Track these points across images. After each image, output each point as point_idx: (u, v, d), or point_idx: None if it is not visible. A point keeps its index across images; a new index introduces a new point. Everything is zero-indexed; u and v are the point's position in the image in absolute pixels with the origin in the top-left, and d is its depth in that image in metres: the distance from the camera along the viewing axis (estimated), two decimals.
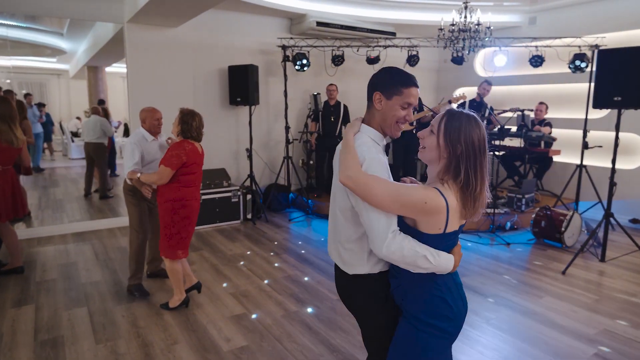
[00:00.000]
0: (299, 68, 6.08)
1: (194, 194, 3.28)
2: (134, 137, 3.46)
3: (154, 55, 5.42)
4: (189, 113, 3.19)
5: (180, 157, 3.09)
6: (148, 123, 3.50)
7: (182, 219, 3.21)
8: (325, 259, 4.51)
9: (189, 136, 3.18)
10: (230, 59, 6.04)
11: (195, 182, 3.27)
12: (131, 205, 3.56)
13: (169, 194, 3.18)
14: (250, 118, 5.98)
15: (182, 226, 3.24)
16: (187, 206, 3.22)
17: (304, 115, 6.90)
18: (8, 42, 8.61)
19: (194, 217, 3.32)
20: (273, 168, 6.69)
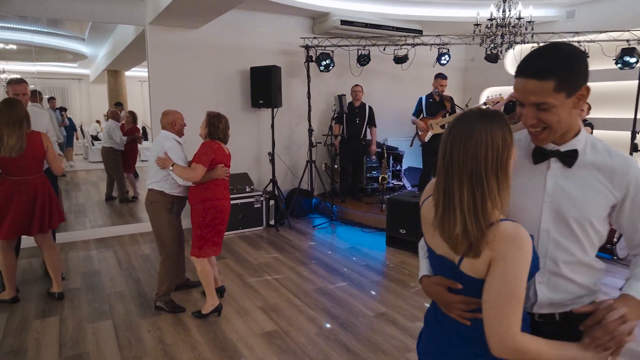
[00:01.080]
0: (323, 69, 5.90)
1: (223, 193, 3.30)
2: (169, 140, 3.31)
3: (175, 57, 5.30)
4: (216, 116, 3.29)
5: (209, 154, 3.15)
6: (178, 125, 3.41)
7: (212, 219, 3.23)
8: (356, 270, 4.31)
9: (215, 137, 3.27)
10: (252, 60, 5.89)
11: (223, 181, 3.31)
12: (167, 220, 3.34)
13: (199, 195, 3.22)
14: (272, 121, 5.82)
15: (213, 226, 3.25)
16: (217, 206, 3.23)
17: (327, 117, 6.71)
18: (33, 48, 8.66)
19: (225, 216, 3.33)
20: (295, 172, 6.51)
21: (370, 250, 4.93)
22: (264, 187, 6.03)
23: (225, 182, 3.34)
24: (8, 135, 3.13)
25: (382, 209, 5.80)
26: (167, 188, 3.30)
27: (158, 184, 3.30)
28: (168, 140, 3.31)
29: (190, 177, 3.12)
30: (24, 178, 3.29)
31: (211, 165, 3.18)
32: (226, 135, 3.32)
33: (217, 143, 3.25)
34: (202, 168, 3.12)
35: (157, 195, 3.31)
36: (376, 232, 5.54)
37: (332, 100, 6.66)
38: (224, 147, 3.31)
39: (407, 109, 7.37)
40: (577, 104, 1.17)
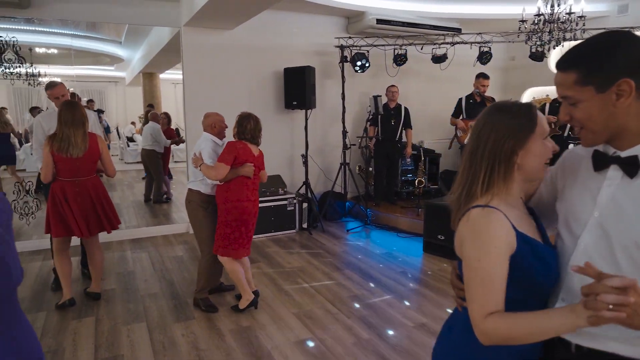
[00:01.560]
0: (358, 69, 5.77)
1: (246, 194, 3.24)
2: (206, 141, 3.33)
3: (209, 58, 5.29)
4: (245, 116, 3.27)
5: (231, 152, 3.14)
6: (218, 127, 3.41)
7: (234, 220, 3.21)
8: (392, 277, 4.15)
9: (242, 138, 3.25)
10: (286, 61, 5.81)
11: (246, 182, 3.24)
12: (203, 218, 3.38)
13: (222, 195, 3.23)
14: (306, 122, 5.73)
15: (235, 227, 3.22)
16: (237, 207, 3.20)
17: (360, 119, 6.57)
18: (72, 51, 8.92)
19: (248, 218, 3.28)
20: (329, 175, 6.39)
21: (407, 257, 4.75)
22: (297, 190, 5.94)
23: (250, 184, 3.28)
24: (75, 135, 3.20)
25: (418, 213, 5.61)
26: (203, 188, 3.34)
27: (195, 183, 3.36)
28: (205, 141, 3.35)
29: (213, 175, 3.12)
30: (77, 179, 3.31)
31: (236, 163, 3.16)
32: (255, 136, 3.27)
33: (242, 143, 3.22)
34: (223, 166, 3.10)
35: (194, 195, 3.38)
36: (412, 238, 5.35)
37: (366, 101, 6.51)
38: (252, 147, 3.27)
39: (444, 110, 7.13)
40: (620, 101, 0.97)
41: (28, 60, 7.81)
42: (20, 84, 7.41)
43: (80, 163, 3.28)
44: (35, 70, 7.71)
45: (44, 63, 9.05)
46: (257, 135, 3.28)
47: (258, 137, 3.30)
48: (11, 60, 4.92)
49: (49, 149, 3.18)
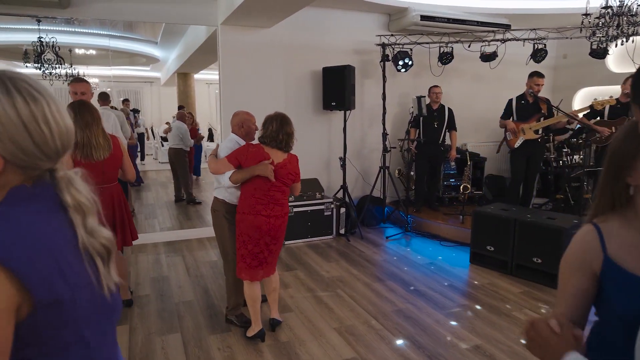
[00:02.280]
0: (400, 68, 5.49)
1: (253, 206, 2.79)
2: (229, 141, 3.06)
3: (246, 58, 5.13)
4: (270, 117, 2.89)
5: (238, 154, 2.82)
6: (246, 127, 3.08)
7: (240, 234, 2.86)
8: (438, 290, 3.86)
9: (262, 141, 2.87)
10: (324, 60, 5.59)
11: (251, 192, 2.80)
12: (228, 231, 3.07)
13: (239, 203, 2.91)
14: (344, 124, 5.49)
15: (240, 242, 2.86)
16: (244, 220, 2.82)
17: (400, 120, 6.28)
18: (109, 52, 9.02)
19: (257, 235, 2.80)
20: (367, 178, 6.14)
21: (452, 267, 4.44)
22: (334, 194, 5.71)
23: (262, 196, 2.80)
24: (96, 136, 2.87)
25: (462, 220, 5.28)
26: (228, 197, 3.02)
27: (219, 191, 3.06)
28: (229, 141, 3.06)
29: (211, 167, 2.89)
30: (102, 187, 2.91)
31: (244, 165, 2.81)
32: (276, 141, 2.79)
33: (258, 147, 2.81)
34: (225, 163, 2.80)
35: (219, 204, 3.08)
36: (457, 247, 5.03)
37: (407, 102, 6.23)
38: (275, 153, 2.81)
39: (489, 111, 6.76)
40: None
41: (68, 61, 7.92)
42: (60, 84, 7.51)
43: (106, 167, 2.94)
44: (75, 71, 7.81)
45: (83, 64, 9.20)
46: (281, 139, 2.79)
47: (283, 142, 2.80)
48: (50, 60, 4.89)
49: (71, 158, 2.76)
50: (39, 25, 5.93)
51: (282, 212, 2.89)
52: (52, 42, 4.99)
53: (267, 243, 2.85)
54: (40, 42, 4.80)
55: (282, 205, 2.88)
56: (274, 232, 2.84)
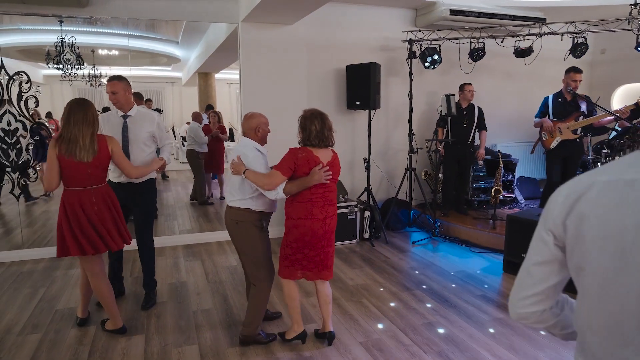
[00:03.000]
0: (428, 65, 5.23)
1: (311, 211, 2.70)
2: (250, 149, 2.77)
3: (267, 56, 4.97)
4: (308, 116, 2.74)
5: (289, 161, 2.65)
6: (262, 132, 2.83)
7: (294, 240, 2.74)
8: (471, 301, 3.60)
9: (307, 144, 2.72)
10: (348, 58, 5.38)
11: (308, 196, 2.71)
12: (259, 240, 2.81)
13: (286, 210, 2.79)
14: (369, 124, 5.28)
15: (296, 248, 2.73)
16: (299, 226, 2.71)
17: (427, 120, 6.02)
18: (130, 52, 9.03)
19: (313, 240, 2.73)
20: (392, 180, 5.90)
21: (484, 276, 4.17)
22: (358, 196, 5.50)
23: (319, 198, 2.70)
24: (84, 136, 2.72)
25: (493, 226, 4.99)
26: (254, 205, 2.78)
27: (243, 201, 2.77)
28: (250, 149, 2.76)
29: (265, 182, 2.61)
30: (92, 187, 2.82)
31: (297, 175, 2.65)
32: (323, 139, 2.71)
33: (307, 150, 2.67)
34: (279, 175, 2.61)
35: (243, 214, 2.77)
36: (488, 254, 4.76)
37: (434, 101, 5.97)
38: (321, 152, 2.71)
39: (521, 110, 6.46)
40: None
41: (90, 61, 7.92)
42: (83, 84, 7.51)
43: (91, 168, 2.79)
44: (97, 72, 7.79)
45: (105, 64, 9.22)
46: (324, 136, 2.71)
47: (329, 138, 2.74)
48: (70, 60, 4.82)
49: (55, 151, 2.70)
50: (61, 26, 5.91)
51: (334, 212, 2.83)
52: (71, 42, 4.92)
53: (323, 245, 2.76)
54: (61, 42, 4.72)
55: (334, 204, 2.83)
56: (329, 233, 2.78)
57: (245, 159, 2.72)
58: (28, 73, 4.93)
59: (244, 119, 2.91)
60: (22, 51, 6.48)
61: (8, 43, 5.88)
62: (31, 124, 4.32)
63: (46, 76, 7.63)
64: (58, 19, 5.96)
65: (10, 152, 4.26)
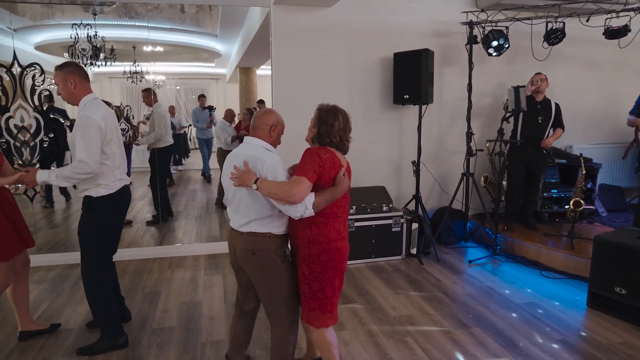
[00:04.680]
0: (493, 51, 4.42)
1: (339, 230, 2.13)
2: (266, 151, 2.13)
3: (302, 43, 4.35)
4: (330, 110, 2.16)
5: (314, 164, 2.01)
6: (278, 132, 2.21)
7: (324, 270, 2.10)
8: (548, 350, 2.80)
9: (327, 142, 2.12)
10: (395, 45, 4.66)
11: (334, 211, 2.12)
12: (283, 274, 2.16)
13: (305, 231, 2.11)
14: (419, 121, 4.54)
15: (327, 281, 2.10)
16: (331, 250, 2.09)
17: (489, 116, 5.17)
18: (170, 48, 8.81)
19: (343, 266, 2.16)
20: (445, 186, 5.11)
21: (562, 311, 3.34)
22: (405, 205, 4.77)
23: (343, 211, 2.16)
24: None
25: (571, 245, 4.10)
26: (276, 227, 2.13)
27: (260, 223, 2.10)
28: (264, 151, 2.11)
29: (290, 194, 1.92)
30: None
31: (320, 183, 2.03)
32: (345, 141, 2.15)
33: (327, 150, 2.08)
34: (305, 183, 1.95)
35: (261, 241, 2.11)
36: (564, 280, 3.91)
37: (498, 94, 5.11)
38: (341, 156, 2.16)
39: (605, 107, 5.49)
40: None
41: (130, 57, 7.67)
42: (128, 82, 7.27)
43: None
44: (138, 68, 7.54)
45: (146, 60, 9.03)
46: (346, 138, 2.15)
47: (347, 142, 2.17)
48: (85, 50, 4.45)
49: None
50: (95, 20, 5.64)
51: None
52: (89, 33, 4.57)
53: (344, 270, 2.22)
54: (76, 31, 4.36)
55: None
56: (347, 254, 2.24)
57: (260, 166, 2.04)
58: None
59: (258, 113, 2.27)
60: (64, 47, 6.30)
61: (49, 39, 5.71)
62: (45, 119, 3.98)
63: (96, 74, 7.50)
64: (92, 12, 5.71)
65: (24, 151, 3.94)
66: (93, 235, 2.60)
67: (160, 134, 5.18)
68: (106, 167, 2.55)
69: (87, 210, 2.59)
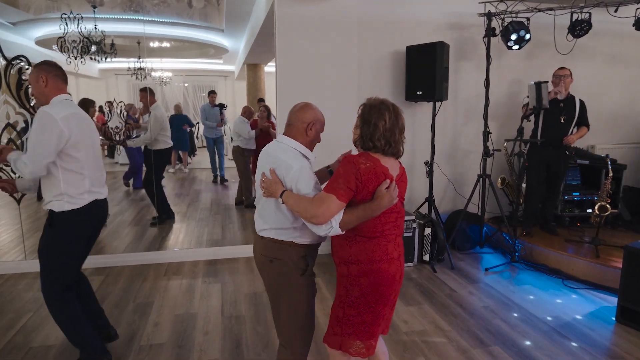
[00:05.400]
0: (513, 44, 4.13)
1: (385, 249, 1.79)
2: (296, 157, 1.83)
3: (308, 36, 4.09)
4: (375, 106, 1.79)
5: (349, 178, 1.69)
6: (316, 132, 1.91)
7: (362, 295, 1.80)
8: None
9: (369, 146, 1.78)
10: (408, 38, 4.39)
11: (379, 228, 1.78)
12: (300, 290, 1.90)
13: (344, 249, 1.83)
14: (433, 119, 4.26)
15: (365, 306, 1.80)
16: (370, 273, 1.78)
17: (507, 114, 4.88)
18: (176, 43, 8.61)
19: (389, 291, 1.81)
20: (459, 189, 4.84)
21: (589, 326, 3.06)
22: (417, 209, 4.50)
23: (390, 228, 1.81)
24: None
25: (596, 253, 3.80)
26: (299, 236, 1.87)
27: (282, 231, 1.87)
28: (293, 156, 1.83)
29: (313, 214, 1.66)
30: None
31: (358, 197, 1.72)
32: (393, 143, 1.77)
33: (370, 157, 1.75)
34: (334, 201, 1.66)
35: (281, 248, 1.87)
36: (589, 291, 3.62)
37: (515, 91, 4.81)
38: (389, 162, 1.79)
39: (633, 104, 5.13)
40: None
41: (135, 53, 7.46)
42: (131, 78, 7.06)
43: None
44: (143, 64, 7.32)
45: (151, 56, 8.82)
46: (398, 139, 1.79)
47: (400, 144, 1.81)
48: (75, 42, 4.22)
49: None
50: (94, 13, 5.44)
51: (403, 248, 1.95)
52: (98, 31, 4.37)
53: (396, 296, 1.92)
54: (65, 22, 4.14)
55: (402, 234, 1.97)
56: (401, 278, 1.89)
57: (286, 173, 1.79)
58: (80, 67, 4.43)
59: (294, 108, 1.96)
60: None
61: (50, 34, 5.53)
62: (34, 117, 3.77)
63: (102, 70, 7.33)
64: (91, 5, 5.50)
65: None
66: (53, 254, 2.28)
67: (148, 137, 4.93)
68: (71, 174, 2.21)
69: (47, 226, 2.29)
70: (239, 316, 3.14)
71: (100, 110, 5.52)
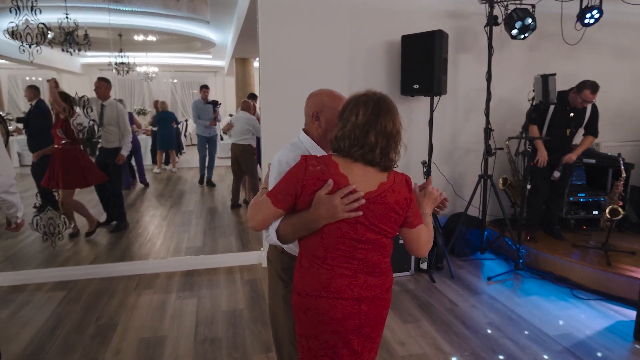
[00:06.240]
0: (517, 33, 3.79)
1: (326, 282, 1.37)
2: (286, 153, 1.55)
3: (295, 24, 3.71)
4: (354, 99, 1.43)
5: (290, 180, 1.37)
6: (325, 120, 1.59)
7: (302, 334, 1.46)
8: None
9: (335, 146, 1.39)
10: (403, 27, 4.04)
11: (326, 255, 1.37)
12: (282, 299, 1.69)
13: (295, 271, 1.48)
14: (431, 115, 3.93)
15: (303, 343, 1.47)
16: (309, 310, 1.40)
17: (511, 110, 4.55)
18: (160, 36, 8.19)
19: (334, 338, 1.39)
20: (459, 190, 4.51)
21: (605, 345, 2.75)
22: None
23: (341, 255, 1.37)
24: None
25: (608, 261, 3.49)
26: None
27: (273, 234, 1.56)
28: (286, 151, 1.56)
29: (248, 217, 1.43)
30: None
31: (300, 204, 1.36)
32: (364, 145, 1.34)
33: (325, 160, 1.37)
34: (267, 206, 1.36)
35: (273, 253, 1.72)
36: (602, 302, 3.32)
37: (520, 85, 4.48)
38: (357, 170, 1.37)
39: (635, 100, 4.83)
40: None
41: (117, 47, 7.02)
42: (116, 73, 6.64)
43: None
44: (125, 59, 6.91)
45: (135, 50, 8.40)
46: (375, 144, 1.37)
47: (378, 150, 1.38)
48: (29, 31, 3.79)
49: None
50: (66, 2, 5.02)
51: (382, 289, 1.43)
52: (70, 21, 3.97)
53: (355, 351, 1.42)
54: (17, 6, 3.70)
55: (382, 274, 1.43)
56: (368, 328, 1.42)
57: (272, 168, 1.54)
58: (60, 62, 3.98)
59: (308, 100, 1.70)
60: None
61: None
62: None
63: (85, 65, 6.89)
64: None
65: None
66: None
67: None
68: None
69: None
70: (214, 339, 2.77)
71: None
